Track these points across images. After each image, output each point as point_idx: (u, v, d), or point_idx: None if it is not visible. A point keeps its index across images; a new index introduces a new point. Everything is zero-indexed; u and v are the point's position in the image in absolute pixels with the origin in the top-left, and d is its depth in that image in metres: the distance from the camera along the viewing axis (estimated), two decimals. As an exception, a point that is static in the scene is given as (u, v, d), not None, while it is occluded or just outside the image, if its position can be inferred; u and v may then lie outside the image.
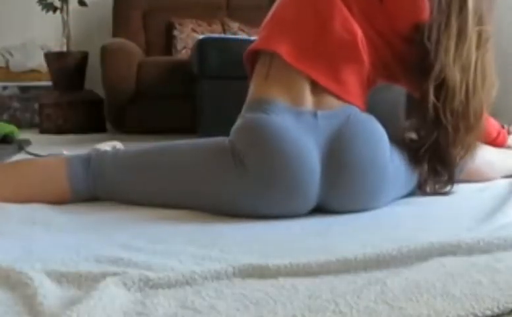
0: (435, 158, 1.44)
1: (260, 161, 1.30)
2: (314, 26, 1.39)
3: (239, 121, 1.38)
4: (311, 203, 1.34)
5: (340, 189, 1.34)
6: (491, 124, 1.73)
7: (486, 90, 1.44)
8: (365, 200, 1.38)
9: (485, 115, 1.50)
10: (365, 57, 1.39)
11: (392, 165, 1.38)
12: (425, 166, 1.45)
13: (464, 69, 1.40)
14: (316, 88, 1.36)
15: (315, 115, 1.33)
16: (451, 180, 1.49)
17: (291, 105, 1.33)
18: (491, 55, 1.45)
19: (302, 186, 1.31)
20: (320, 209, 1.36)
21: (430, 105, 1.38)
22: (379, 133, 1.38)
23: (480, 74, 1.42)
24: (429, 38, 1.37)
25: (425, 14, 1.38)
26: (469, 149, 1.46)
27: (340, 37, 1.37)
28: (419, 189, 1.52)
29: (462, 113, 1.41)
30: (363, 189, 1.35)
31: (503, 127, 2.45)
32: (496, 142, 1.77)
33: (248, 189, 1.31)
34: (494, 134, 1.76)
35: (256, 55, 1.45)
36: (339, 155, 1.32)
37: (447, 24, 1.37)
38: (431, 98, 1.38)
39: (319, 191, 1.33)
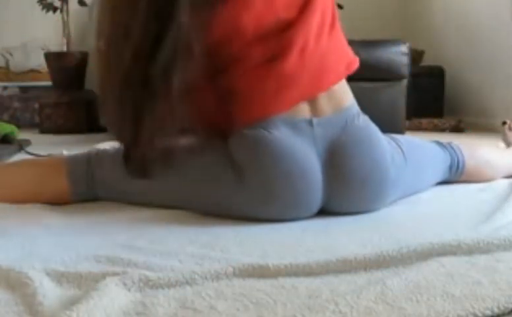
0: None
1: (261, 179, 1.28)
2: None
3: (236, 135, 1.32)
4: (314, 210, 1.34)
5: (342, 196, 1.33)
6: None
7: None
8: (368, 204, 1.38)
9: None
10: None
11: (394, 167, 1.38)
12: None
13: None
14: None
15: (310, 123, 1.32)
16: None
17: (286, 115, 1.31)
18: None
19: (305, 198, 1.30)
20: (321, 211, 1.35)
21: None
22: (376, 137, 1.37)
23: None
24: None
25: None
26: None
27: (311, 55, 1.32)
28: None
29: None
30: (366, 194, 1.35)
31: (505, 122, 2.42)
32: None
33: (248, 201, 1.30)
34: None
35: None
36: (340, 163, 1.31)
37: None
38: None
39: (321, 199, 1.32)
